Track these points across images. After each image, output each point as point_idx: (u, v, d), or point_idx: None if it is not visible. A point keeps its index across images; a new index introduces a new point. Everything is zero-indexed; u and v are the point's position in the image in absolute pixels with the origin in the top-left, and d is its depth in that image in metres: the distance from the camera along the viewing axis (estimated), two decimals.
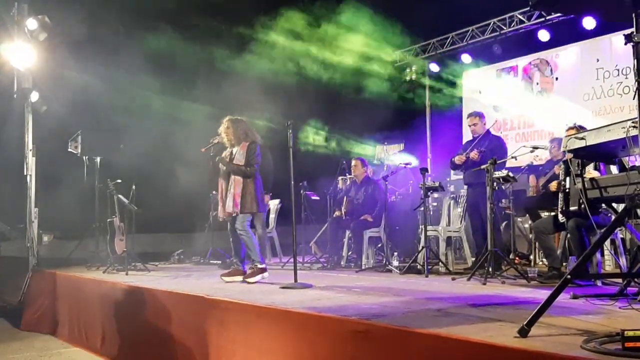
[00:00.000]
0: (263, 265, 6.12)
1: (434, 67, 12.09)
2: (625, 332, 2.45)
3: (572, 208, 5.22)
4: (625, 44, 2.97)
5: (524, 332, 2.80)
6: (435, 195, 7.88)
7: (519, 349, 2.58)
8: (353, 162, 8.49)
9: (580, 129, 5.76)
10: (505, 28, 10.45)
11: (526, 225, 8.19)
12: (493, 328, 3.12)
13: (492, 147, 6.96)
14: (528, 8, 9.88)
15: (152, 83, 10.88)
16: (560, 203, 5.59)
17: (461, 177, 7.69)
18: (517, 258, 7.77)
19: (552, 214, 6.17)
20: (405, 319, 3.48)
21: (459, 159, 7.16)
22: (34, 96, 8.53)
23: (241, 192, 6.09)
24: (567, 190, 5.42)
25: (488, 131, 7.27)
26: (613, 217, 4.66)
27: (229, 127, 6.32)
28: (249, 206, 6.12)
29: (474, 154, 6.94)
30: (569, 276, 2.98)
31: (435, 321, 3.39)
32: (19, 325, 7.79)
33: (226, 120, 6.38)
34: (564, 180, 5.54)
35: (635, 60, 2.96)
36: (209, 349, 4.45)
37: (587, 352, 2.46)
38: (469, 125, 7.42)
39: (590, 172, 4.63)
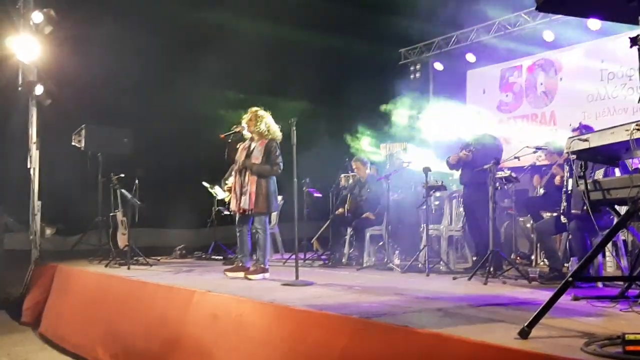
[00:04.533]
0: (266, 267, 6.14)
1: (438, 66, 12.07)
2: (626, 335, 2.45)
3: (573, 211, 5.22)
4: (631, 46, 2.96)
5: (524, 334, 2.80)
6: (437, 194, 7.87)
7: (519, 351, 2.58)
8: (354, 165, 8.48)
9: (585, 129, 5.74)
10: (510, 28, 10.42)
11: (528, 226, 8.19)
12: (493, 329, 3.13)
13: (486, 146, 6.86)
14: (533, 8, 9.89)
15: (157, 75, 10.91)
16: (562, 204, 5.60)
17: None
18: (518, 258, 7.78)
19: (555, 214, 6.17)
20: (405, 318, 3.49)
21: (452, 158, 7.14)
22: (39, 89, 8.55)
23: (256, 191, 6.03)
24: (570, 192, 5.43)
25: (486, 132, 7.18)
26: (615, 220, 4.66)
27: (252, 120, 6.19)
28: (260, 206, 6.06)
29: (462, 154, 6.92)
30: (570, 279, 2.98)
31: (435, 321, 3.40)
32: (20, 318, 7.82)
33: (251, 112, 6.23)
34: (567, 181, 5.55)
35: None
36: (207, 346, 4.46)
37: (587, 355, 2.46)
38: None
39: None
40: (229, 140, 6.27)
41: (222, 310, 4.47)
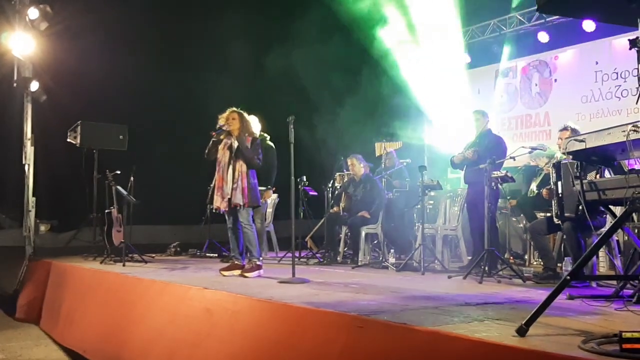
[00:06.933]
0: (260, 262, 6.17)
1: None
2: (623, 333, 2.49)
3: (566, 214, 5.20)
4: (630, 48, 3.00)
5: (522, 331, 2.83)
6: (433, 193, 7.91)
7: (518, 348, 2.61)
8: (349, 162, 8.46)
9: (573, 131, 5.80)
10: (505, 29, 10.46)
11: (520, 225, 8.24)
12: (491, 326, 3.16)
13: (490, 146, 6.96)
14: (528, 9, 9.95)
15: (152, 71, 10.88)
16: (554, 208, 5.60)
17: (458, 175, 7.73)
18: (511, 258, 7.82)
19: (548, 214, 6.21)
20: (403, 315, 3.51)
21: (457, 158, 7.20)
22: (34, 85, 8.52)
23: (247, 185, 6.11)
24: (561, 195, 5.41)
25: (489, 130, 7.28)
26: (609, 220, 4.69)
27: (236, 119, 6.25)
28: (251, 199, 6.15)
29: (469, 153, 6.98)
30: (568, 277, 3.01)
31: (433, 319, 3.42)
32: (14, 314, 7.80)
33: (233, 111, 6.28)
34: (555, 184, 5.50)
35: (639, 64, 2.98)
36: (202, 342, 4.46)
37: (585, 353, 2.49)
38: (474, 121, 7.41)
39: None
40: (213, 140, 6.26)
41: (218, 306, 4.48)
